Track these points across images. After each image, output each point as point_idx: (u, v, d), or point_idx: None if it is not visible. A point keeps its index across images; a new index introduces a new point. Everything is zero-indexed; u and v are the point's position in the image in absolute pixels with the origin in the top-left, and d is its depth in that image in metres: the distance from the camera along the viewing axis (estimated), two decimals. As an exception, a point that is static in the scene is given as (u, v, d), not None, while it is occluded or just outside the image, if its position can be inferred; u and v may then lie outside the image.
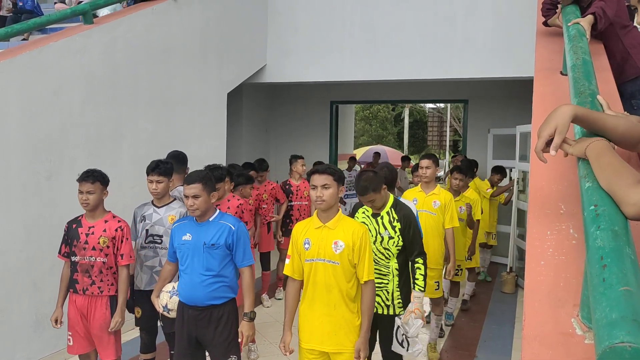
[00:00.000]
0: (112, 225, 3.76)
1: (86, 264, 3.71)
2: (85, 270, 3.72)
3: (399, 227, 3.63)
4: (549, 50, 3.28)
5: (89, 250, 3.71)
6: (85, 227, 3.74)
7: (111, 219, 3.80)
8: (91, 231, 3.73)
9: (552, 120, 1.49)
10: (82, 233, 3.73)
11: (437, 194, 5.04)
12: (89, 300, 3.74)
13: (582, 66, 2.18)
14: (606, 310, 0.90)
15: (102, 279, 3.74)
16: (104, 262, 3.72)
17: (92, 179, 3.67)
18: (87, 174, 3.69)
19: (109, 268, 3.76)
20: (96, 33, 5.57)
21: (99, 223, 3.75)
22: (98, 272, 3.72)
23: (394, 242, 3.64)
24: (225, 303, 3.50)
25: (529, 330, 1.25)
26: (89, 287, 3.72)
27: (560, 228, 1.56)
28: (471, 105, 10.95)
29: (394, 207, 3.68)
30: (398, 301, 3.71)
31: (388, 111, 38.19)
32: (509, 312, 6.64)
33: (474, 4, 7.81)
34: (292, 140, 11.70)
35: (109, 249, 3.73)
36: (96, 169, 3.80)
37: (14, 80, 4.69)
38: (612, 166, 1.30)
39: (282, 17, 8.71)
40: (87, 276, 3.72)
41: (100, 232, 3.72)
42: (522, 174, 8.15)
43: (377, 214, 3.68)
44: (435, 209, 4.99)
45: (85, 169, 3.79)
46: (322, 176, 3.06)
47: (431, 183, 5.09)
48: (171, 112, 6.66)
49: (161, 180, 3.97)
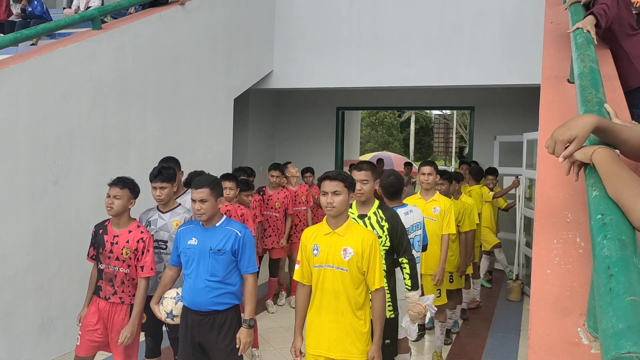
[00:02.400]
0: (135, 236, 3.72)
1: (110, 273, 3.71)
2: (109, 279, 3.72)
3: (387, 227, 3.62)
4: (556, 57, 3.28)
5: (113, 260, 3.70)
6: (111, 235, 3.73)
7: (135, 229, 3.76)
8: (115, 240, 3.71)
9: (572, 128, 1.46)
10: (108, 241, 3.72)
11: (437, 200, 5.03)
12: (111, 307, 3.75)
13: (590, 74, 2.18)
14: (613, 320, 0.90)
15: (124, 290, 3.74)
16: (126, 273, 3.71)
17: (121, 184, 3.66)
18: (118, 179, 3.69)
19: (132, 280, 3.75)
20: (105, 39, 5.61)
21: (123, 233, 3.72)
22: (120, 282, 3.72)
23: (382, 241, 3.62)
24: (228, 309, 3.49)
25: (535, 339, 1.24)
26: (111, 296, 3.73)
27: (567, 236, 1.55)
28: (477, 112, 10.95)
29: (380, 208, 3.69)
30: (388, 303, 3.68)
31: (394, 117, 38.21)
32: (515, 320, 6.60)
33: (481, 11, 7.82)
34: (297, 146, 11.72)
35: (131, 260, 3.71)
36: (129, 177, 3.79)
37: (23, 85, 4.72)
38: (620, 175, 1.30)
39: (289, 24, 8.75)
40: (110, 285, 3.72)
41: (124, 242, 3.70)
42: (528, 182, 8.12)
43: (363, 215, 3.68)
44: (435, 215, 4.98)
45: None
46: (333, 182, 3.06)
47: (431, 190, 5.08)
48: (178, 117, 6.69)
49: (165, 187, 3.95)
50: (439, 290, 5.01)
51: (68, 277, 5.09)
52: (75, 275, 5.09)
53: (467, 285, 6.67)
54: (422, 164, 5.18)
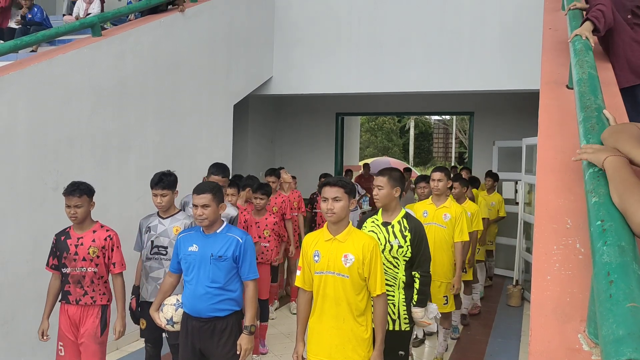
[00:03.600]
0: (100, 235, 3.77)
1: (77, 274, 3.73)
2: (77, 281, 3.73)
3: (410, 237, 3.63)
4: (555, 63, 3.29)
5: (80, 261, 3.72)
6: (74, 238, 3.75)
7: (99, 228, 3.81)
8: (80, 242, 3.73)
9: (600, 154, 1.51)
10: (72, 245, 3.74)
11: (448, 207, 5.01)
12: (82, 310, 3.75)
13: (588, 80, 2.18)
14: (613, 326, 0.90)
15: (94, 289, 3.76)
16: (94, 272, 3.74)
17: (78, 192, 3.65)
18: (73, 188, 3.66)
19: (100, 277, 3.78)
20: (104, 45, 5.62)
21: (87, 234, 3.76)
22: (89, 282, 3.74)
23: (403, 251, 3.63)
24: (229, 315, 3.49)
25: (535, 345, 1.24)
26: (81, 297, 3.74)
27: (567, 243, 1.55)
28: (477, 118, 10.97)
29: (405, 218, 3.70)
30: (404, 316, 3.68)
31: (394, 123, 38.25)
32: (515, 326, 6.59)
33: (480, 17, 7.85)
34: (297, 152, 11.73)
35: (99, 258, 3.74)
36: (81, 181, 3.77)
37: (23, 92, 4.73)
38: (627, 182, 1.31)
39: (289, 30, 8.77)
40: (79, 287, 3.73)
41: (90, 242, 3.73)
42: (528, 187, 8.13)
43: (387, 223, 3.69)
44: (445, 222, 4.96)
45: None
46: (333, 188, 3.07)
47: (442, 196, 5.07)
48: (178, 123, 6.69)
49: (165, 194, 3.96)
50: (445, 296, 5.00)
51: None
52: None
53: (467, 290, 6.66)
54: (433, 170, 5.20)
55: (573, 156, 1.56)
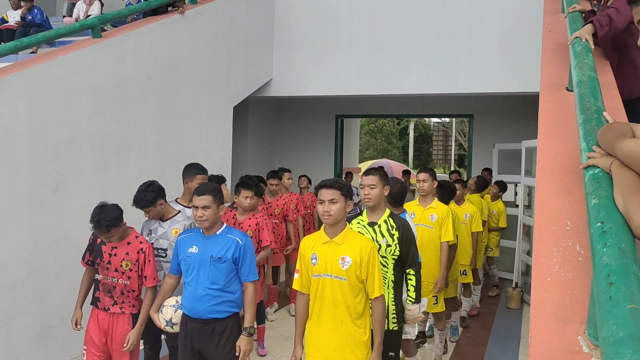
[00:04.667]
0: (134, 248, 3.70)
1: (108, 284, 3.69)
2: (107, 290, 3.70)
3: (397, 236, 3.61)
4: (554, 66, 3.29)
5: (112, 272, 3.67)
6: (109, 246, 3.69)
7: (134, 240, 3.73)
8: (114, 252, 3.68)
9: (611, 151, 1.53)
10: (106, 252, 3.69)
11: (435, 208, 5.02)
12: (111, 317, 3.72)
13: (588, 82, 2.18)
14: (613, 328, 0.90)
15: (124, 301, 3.71)
16: (125, 284, 3.69)
17: (105, 229, 3.50)
18: (98, 225, 3.48)
19: (132, 291, 3.72)
20: (104, 47, 5.63)
21: (122, 244, 3.69)
22: (120, 293, 3.70)
23: (391, 250, 3.61)
24: (228, 317, 3.49)
25: (535, 347, 1.24)
26: (110, 307, 3.71)
27: (567, 245, 1.55)
28: (476, 120, 10.97)
29: (391, 217, 3.68)
30: (393, 316, 3.67)
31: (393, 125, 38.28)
32: (515, 328, 6.59)
33: (480, 19, 7.86)
34: (297, 154, 11.73)
35: (132, 272, 3.69)
36: (104, 214, 3.49)
37: (23, 93, 4.73)
38: (631, 184, 1.31)
39: (288, 31, 8.78)
40: (109, 296, 3.70)
41: (123, 254, 3.67)
42: (527, 189, 8.12)
43: (374, 223, 3.67)
44: (432, 222, 4.97)
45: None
46: (329, 190, 3.06)
47: (429, 196, 5.07)
48: (178, 125, 6.70)
49: (149, 210, 3.93)
50: (435, 297, 4.99)
51: (67, 285, 5.06)
52: (74, 284, 5.02)
53: (467, 293, 6.66)
54: (418, 171, 5.19)
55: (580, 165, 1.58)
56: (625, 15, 3.11)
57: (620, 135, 1.51)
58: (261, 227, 5.01)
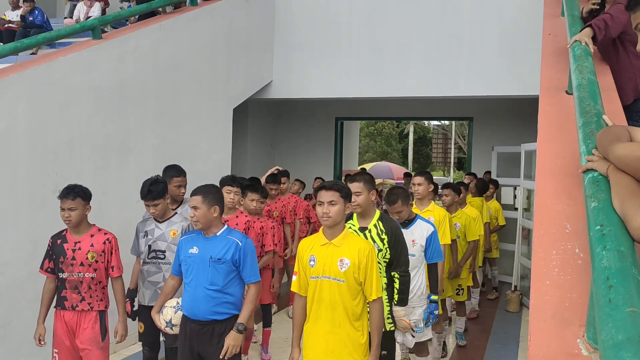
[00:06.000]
0: (99, 239, 3.71)
1: (75, 280, 3.67)
2: (74, 287, 3.67)
3: (387, 240, 3.61)
4: (554, 69, 3.30)
5: (77, 267, 3.65)
6: (71, 242, 3.69)
7: (97, 232, 3.75)
8: (77, 246, 3.67)
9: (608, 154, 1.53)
10: (69, 249, 3.67)
11: (431, 211, 5.02)
12: (78, 316, 3.69)
13: (588, 85, 2.19)
14: (612, 331, 0.90)
15: (92, 295, 3.70)
16: (92, 278, 3.68)
17: (72, 195, 3.60)
18: (67, 191, 3.62)
19: (98, 283, 3.72)
20: (104, 48, 5.63)
21: (85, 238, 3.70)
22: (87, 287, 3.68)
23: (382, 254, 3.61)
24: (228, 319, 3.48)
25: (535, 350, 1.24)
26: (78, 303, 3.68)
27: (566, 247, 1.55)
28: (476, 123, 10.97)
29: (380, 220, 3.67)
30: (387, 316, 3.67)
31: (393, 128, 38.30)
32: (514, 332, 6.58)
33: (479, 22, 7.86)
34: (296, 156, 11.72)
35: (98, 263, 3.69)
36: (77, 184, 3.71)
37: (23, 94, 4.73)
38: (628, 188, 1.32)
39: (288, 34, 8.78)
40: (76, 292, 3.67)
41: (88, 247, 3.67)
42: (527, 192, 8.13)
43: (364, 228, 3.66)
44: None
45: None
46: (329, 192, 3.06)
47: (425, 200, 5.07)
48: (178, 127, 6.70)
49: (157, 203, 3.94)
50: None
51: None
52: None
53: (461, 312, 6.63)
54: (414, 175, 5.20)
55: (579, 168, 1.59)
56: (619, 22, 3.13)
57: (614, 139, 1.52)
58: (265, 231, 5.01)
